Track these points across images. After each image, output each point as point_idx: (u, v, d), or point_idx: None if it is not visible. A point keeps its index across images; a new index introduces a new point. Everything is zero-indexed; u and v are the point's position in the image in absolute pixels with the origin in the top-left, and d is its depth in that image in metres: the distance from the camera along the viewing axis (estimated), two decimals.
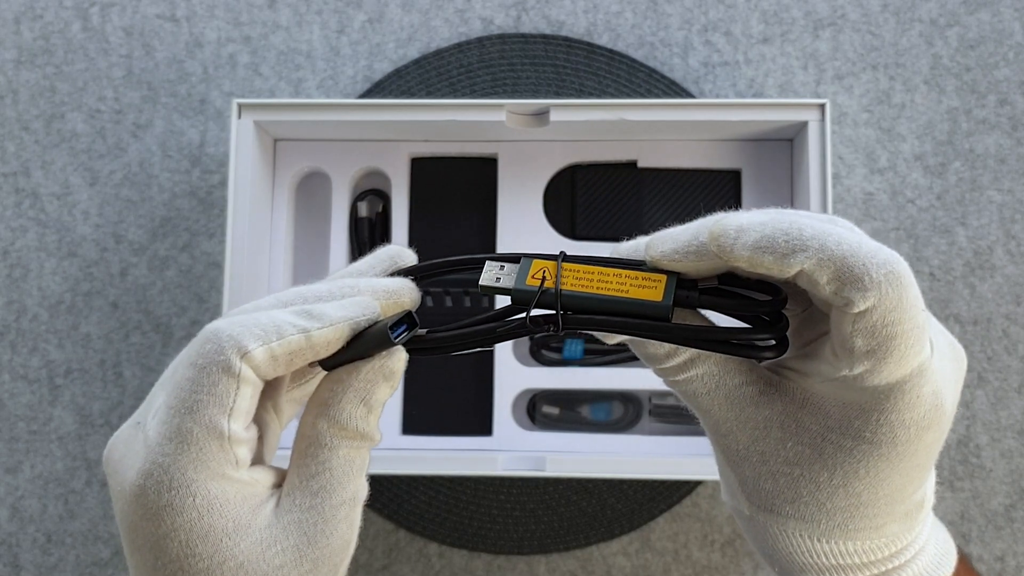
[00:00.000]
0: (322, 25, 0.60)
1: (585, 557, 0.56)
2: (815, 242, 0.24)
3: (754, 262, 0.25)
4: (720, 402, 0.29)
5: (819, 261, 0.24)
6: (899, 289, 0.24)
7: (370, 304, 0.28)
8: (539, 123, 0.52)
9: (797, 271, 0.24)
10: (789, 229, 0.25)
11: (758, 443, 0.28)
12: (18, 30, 0.61)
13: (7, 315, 0.59)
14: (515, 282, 0.27)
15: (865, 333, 0.24)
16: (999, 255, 0.57)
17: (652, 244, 0.27)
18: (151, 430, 0.26)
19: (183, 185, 0.59)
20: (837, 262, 0.24)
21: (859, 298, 0.24)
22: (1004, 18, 0.58)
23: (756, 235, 0.25)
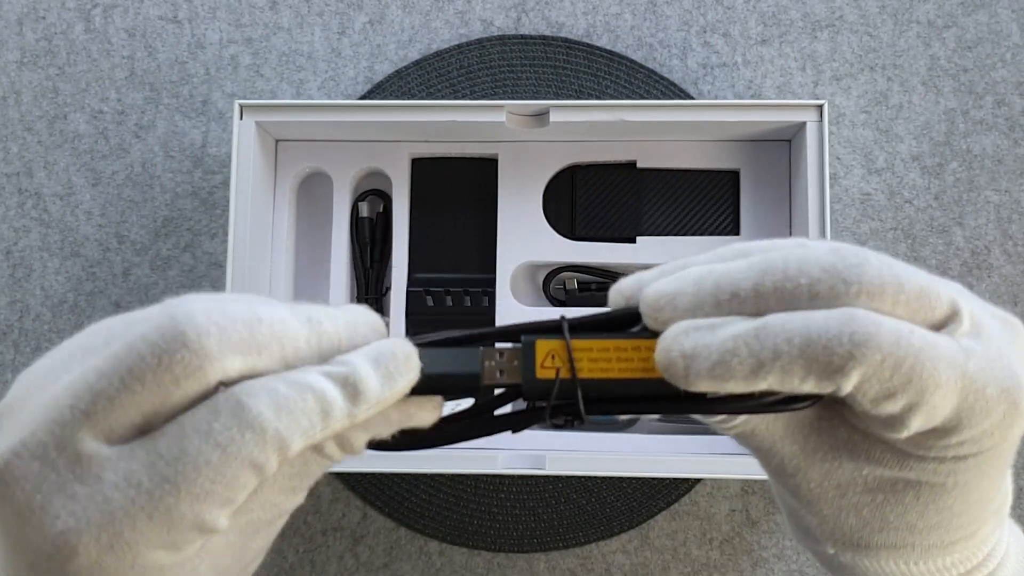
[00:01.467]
0: (323, 27, 0.60)
1: (584, 555, 0.56)
2: (768, 351, 0.21)
3: (713, 389, 0.22)
4: (782, 437, 0.26)
5: (782, 369, 0.22)
6: (875, 338, 0.21)
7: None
8: (539, 124, 0.52)
9: (765, 388, 0.22)
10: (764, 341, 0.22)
11: (831, 476, 0.25)
12: (21, 31, 0.61)
13: (10, 315, 0.59)
14: (524, 374, 0.24)
15: (886, 396, 0.22)
16: (996, 255, 0.57)
17: (658, 320, 0.24)
18: (110, 472, 0.21)
19: (185, 185, 0.59)
20: (799, 359, 0.21)
21: (843, 380, 0.21)
22: (1001, 19, 0.58)
23: (708, 363, 0.22)
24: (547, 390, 0.24)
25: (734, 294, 0.23)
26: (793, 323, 0.21)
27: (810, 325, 0.21)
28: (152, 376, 0.21)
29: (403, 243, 0.56)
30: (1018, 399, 0.22)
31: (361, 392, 0.22)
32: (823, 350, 0.21)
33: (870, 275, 0.22)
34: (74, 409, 0.21)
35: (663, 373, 0.22)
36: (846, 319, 0.21)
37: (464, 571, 0.56)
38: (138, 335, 0.21)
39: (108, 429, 0.21)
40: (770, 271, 0.22)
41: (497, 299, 0.55)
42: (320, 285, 0.57)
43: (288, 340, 0.22)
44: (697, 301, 0.23)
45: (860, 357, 0.21)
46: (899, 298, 0.22)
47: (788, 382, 0.22)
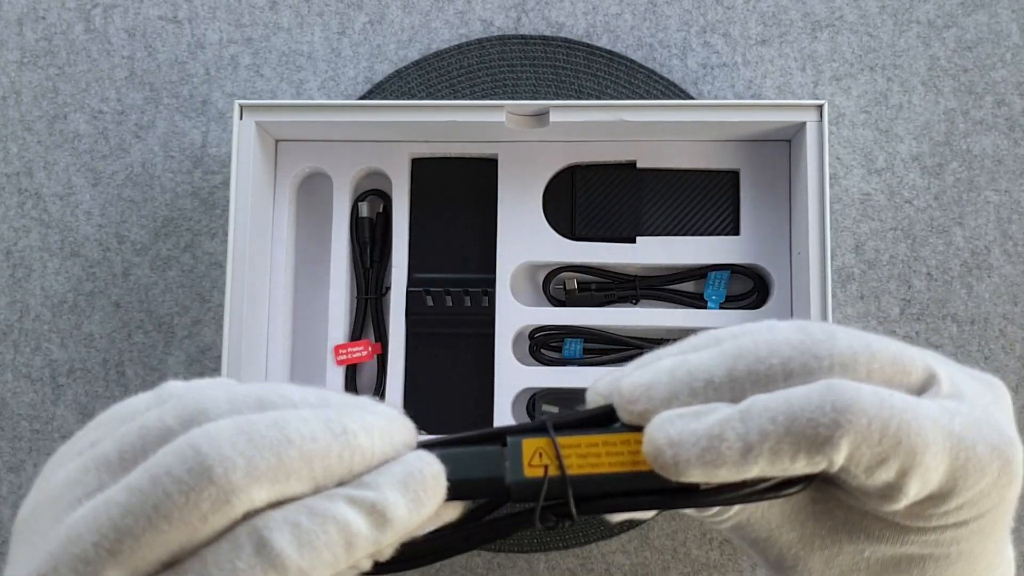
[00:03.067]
0: (323, 27, 0.60)
1: (584, 555, 0.56)
2: (755, 434, 0.21)
3: (705, 477, 0.22)
4: (779, 526, 0.25)
5: (771, 451, 0.21)
6: (856, 404, 0.21)
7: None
8: (539, 124, 0.52)
9: (756, 473, 0.22)
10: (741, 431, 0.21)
11: (833, 562, 0.25)
12: (21, 31, 0.61)
13: (10, 315, 0.59)
14: (511, 475, 0.23)
15: (878, 463, 0.21)
16: (996, 255, 0.57)
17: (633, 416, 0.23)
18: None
19: (185, 185, 0.59)
20: (787, 438, 0.21)
21: (833, 452, 0.21)
22: (1001, 19, 0.58)
23: (697, 450, 0.21)
24: (536, 490, 0.23)
25: (708, 381, 0.22)
26: (775, 402, 0.21)
27: (792, 401, 0.21)
28: (179, 514, 0.20)
29: (403, 243, 0.56)
30: (1011, 456, 0.22)
31: (389, 520, 0.21)
32: (808, 423, 0.21)
33: (840, 347, 0.22)
34: (99, 548, 0.20)
35: (652, 463, 0.22)
36: (825, 389, 0.21)
37: (464, 571, 0.56)
38: (163, 469, 0.20)
39: (134, 567, 0.20)
40: (742, 356, 0.22)
41: (497, 299, 0.55)
42: (320, 285, 0.57)
43: (318, 460, 0.21)
44: (672, 391, 0.23)
45: (846, 424, 0.21)
46: (872, 367, 0.22)
47: (779, 463, 0.21)
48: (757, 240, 0.55)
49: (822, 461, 0.21)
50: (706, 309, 0.55)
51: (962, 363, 0.26)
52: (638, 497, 0.23)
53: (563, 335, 0.55)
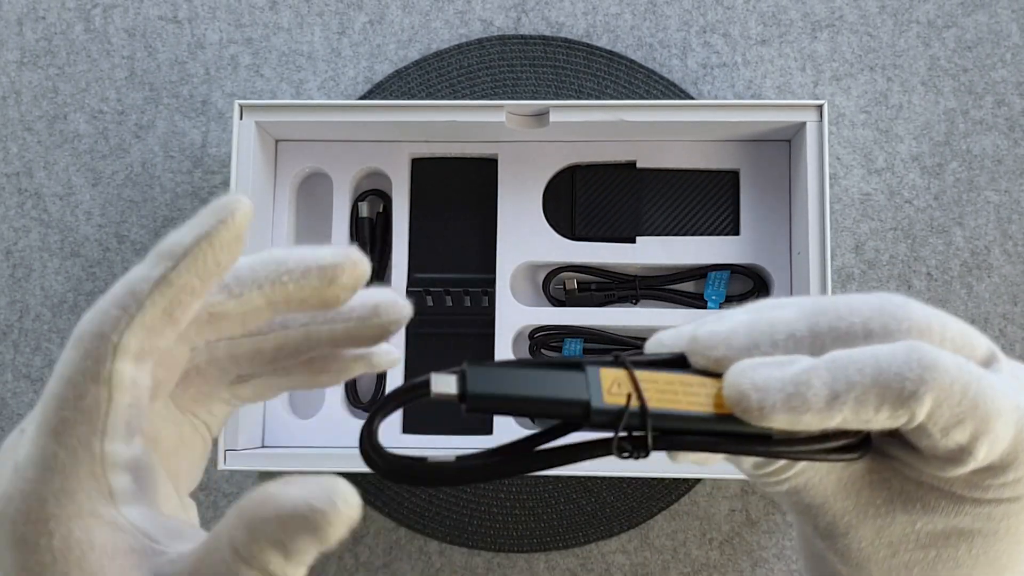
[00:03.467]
0: (323, 27, 0.60)
1: (584, 555, 0.56)
2: (842, 383, 0.22)
3: (788, 423, 0.22)
4: (834, 493, 0.25)
5: (856, 399, 0.22)
6: (940, 363, 0.22)
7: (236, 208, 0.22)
8: (539, 124, 0.52)
9: (839, 421, 0.22)
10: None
11: (883, 533, 0.25)
12: (21, 31, 0.61)
13: (10, 315, 0.59)
14: (592, 398, 0.22)
15: (955, 423, 0.22)
16: (996, 255, 0.57)
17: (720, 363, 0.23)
18: (21, 447, 0.22)
19: (185, 186, 0.59)
20: (873, 389, 0.22)
21: (917, 405, 0.21)
22: (1001, 19, 0.58)
23: (783, 395, 0.22)
24: (616, 417, 0.22)
25: (790, 334, 0.23)
26: (861, 355, 0.22)
27: (879, 355, 0.22)
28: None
29: (403, 243, 0.56)
30: None
31: (168, 253, 0.22)
32: (895, 376, 0.21)
33: (916, 314, 0.23)
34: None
35: (734, 406, 0.22)
36: (911, 348, 0.22)
37: (464, 571, 0.56)
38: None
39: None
40: (823, 312, 0.23)
41: (497, 299, 0.55)
42: None
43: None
44: (752, 340, 0.23)
45: (931, 381, 0.21)
46: (945, 336, 0.23)
47: (863, 413, 0.22)
48: (757, 240, 0.55)
49: (904, 415, 0.22)
50: (706, 309, 0.55)
51: None
52: (715, 438, 0.23)
53: (563, 335, 0.56)
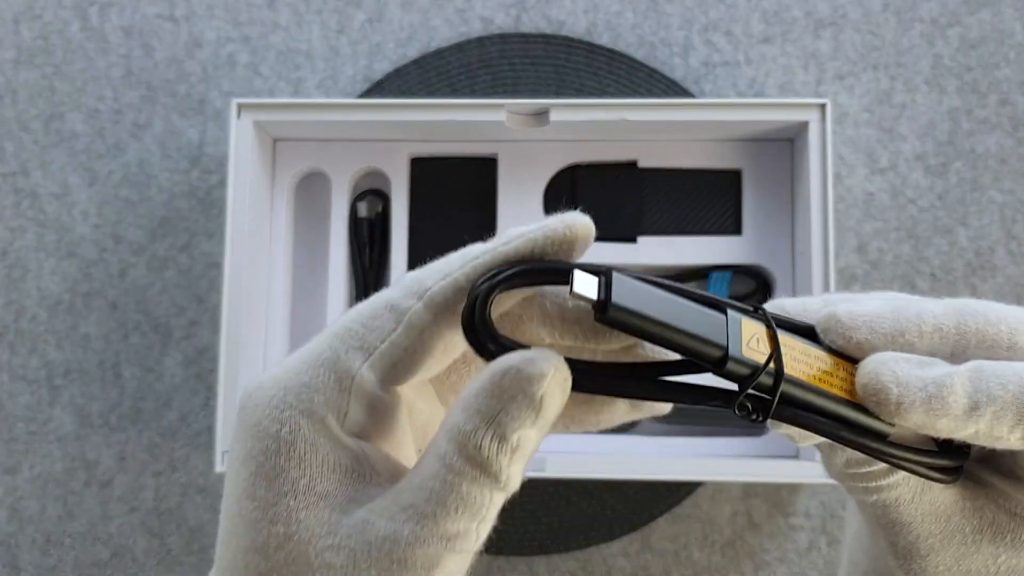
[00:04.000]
0: (321, 25, 0.60)
1: (585, 558, 0.56)
2: (984, 394, 0.21)
3: (922, 424, 0.22)
4: (925, 513, 0.24)
5: (994, 414, 0.21)
6: None
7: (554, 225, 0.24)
8: (539, 123, 0.51)
9: (971, 433, 0.22)
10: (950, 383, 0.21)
11: (964, 561, 0.24)
12: (17, 30, 0.60)
13: (6, 315, 0.59)
14: (731, 346, 0.21)
15: None
16: (1000, 255, 0.57)
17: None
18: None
19: (182, 185, 0.59)
20: (1014, 406, 0.21)
21: None
22: (1005, 18, 0.58)
23: (924, 395, 0.21)
24: (750, 372, 0.21)
25: (937, 328, 0.22)
26: (1005, 369, 0.21)
27: (1023, 374, 0.21)
28: None
29: (402, 243, 0.55)
30: None
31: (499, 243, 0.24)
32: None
33: None
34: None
35: (870, 396, 0.22)
36: None
37: None
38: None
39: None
40: (971, 313, 0.22)
41: None
42: (318, 286, 0.56)
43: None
44: (898, 328, 0.22)
45: None
46: None
47: (998, 428, 0.21)
48: (759, 240, 0.54)
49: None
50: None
51: None
52: (834, 422, 0.22)
53: None
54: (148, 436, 0.58)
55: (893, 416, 0.21)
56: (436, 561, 0.22)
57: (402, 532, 0.22)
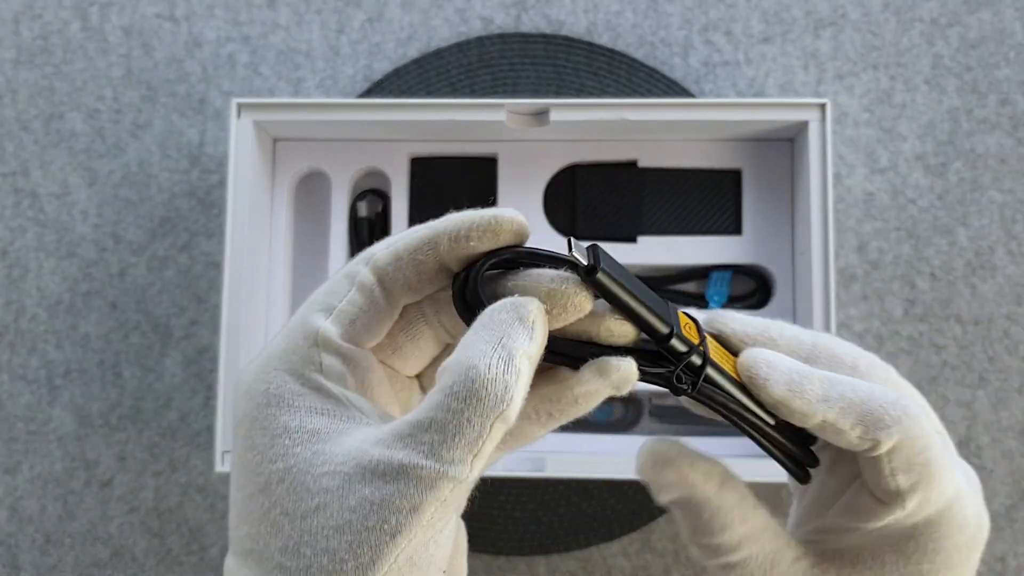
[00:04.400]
0: (321, 24, 0.60)
1: (585, 558, 0.56)
2: (835, 392, 0.26)
3: (781, 405, 0.27)
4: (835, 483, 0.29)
5: (841, 410, 0.26)
6: (917, 419, 0.26)
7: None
8: (539, 123, 0.51)
9: (820, 420, 0.26)
10: (819, 378, 0.27)
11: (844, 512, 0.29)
12: (17, 30, 0.60)
13: (6, 315, 0.59)
14: (675, 327, 0.26)
15: (904, 469, 0.26)
16: (1000, 255, 0.57)
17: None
18: None
19: (182, 185, 0.59)
20: (858, 407, 0.26)
21: (885, 436, 0.26)
22: (1005, 18, 0.58)
23: (787, 376, 0.26)
24: (687, 349, 0.26)
25: (795, 336, 0.28)
26: (854, 381, 0.27)
27: (873, 387, 0.27)
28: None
29: None
30: (984, 536, 0.29)
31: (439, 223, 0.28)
32: (879, 407, 0.26)
33: (899, 376, 0.29)
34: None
35: (744, 372, 0.27)
36: (901, 396, 0.27)
37: None
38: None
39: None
40: (824, 337, 0.29)
41: None
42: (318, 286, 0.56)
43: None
44: (765, 326, 0.28)
45: (907, 424, 0.26)
46: (921, 403, 0.28)
47: (842, 423, 0.26)
48: (759, 240, 0.54)
49: (870, 441, 0.26)
50: (708, 309, 0.55)
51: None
52: (739, 407, 0.27)
53: None
54: (148, 436, 0.58)
55: (760, 390, 0.26)
56: (430, 485, 0.23)
57: (396, 456, 0.23)
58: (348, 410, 0.26)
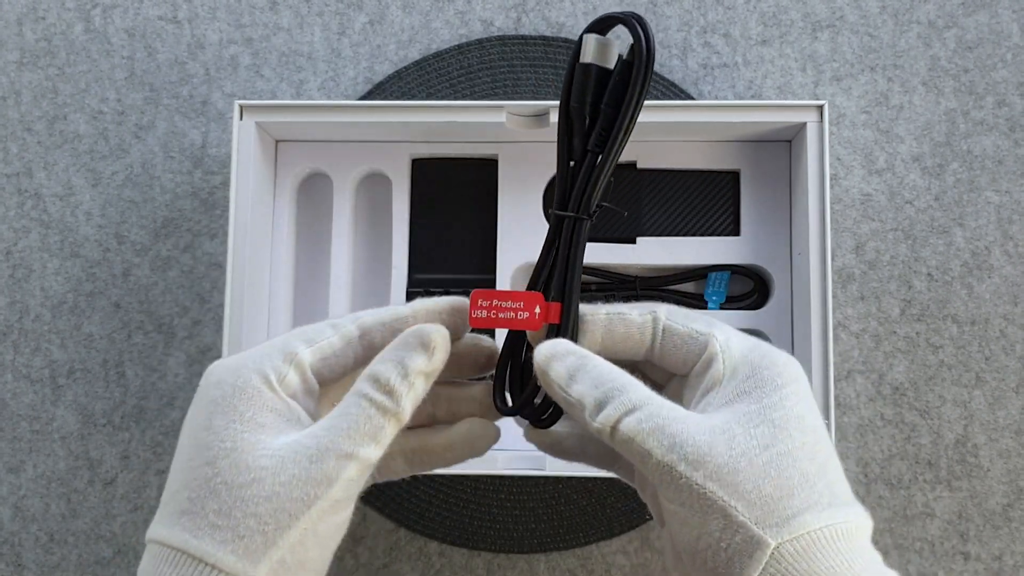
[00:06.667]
0: (323, 27, 0.60)
1: (585, 555, 0.56)
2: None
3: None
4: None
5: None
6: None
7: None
8: (539, 124, 0.52)
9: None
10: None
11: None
12: (20, 31, 0.61)
13: (10, 315, 0.59)
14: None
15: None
16: (996, 256, 0.57)
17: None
18: None
19: (185, 186, 0.59)
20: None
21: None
22: (1002, 20, 0.58)
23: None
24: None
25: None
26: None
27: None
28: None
29: (403, 244, 0.56)
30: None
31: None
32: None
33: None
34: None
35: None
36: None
37: (464, 572, 0.56)
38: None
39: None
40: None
41: None
42: (320, 286, 0.57)
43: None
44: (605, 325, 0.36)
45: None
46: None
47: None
48: (757, 241, 0.55)
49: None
50: (706, 310, 0.55)
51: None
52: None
53: None
54: (151, 435, 0.58)
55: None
56: (342, 465, 0.30)
57: (320, 442, 0.30)
58: (295, 415, 0.32)
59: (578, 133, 0.36)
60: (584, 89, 0.36)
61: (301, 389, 0.33)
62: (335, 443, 0.30)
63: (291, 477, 0.30)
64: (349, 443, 0.30)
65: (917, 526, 0.56)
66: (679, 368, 0.35)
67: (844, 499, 0.30)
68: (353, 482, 0.31)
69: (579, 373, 0.32)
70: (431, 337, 0.33)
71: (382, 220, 0.57)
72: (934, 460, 0.56)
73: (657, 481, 0.30)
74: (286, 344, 0.33)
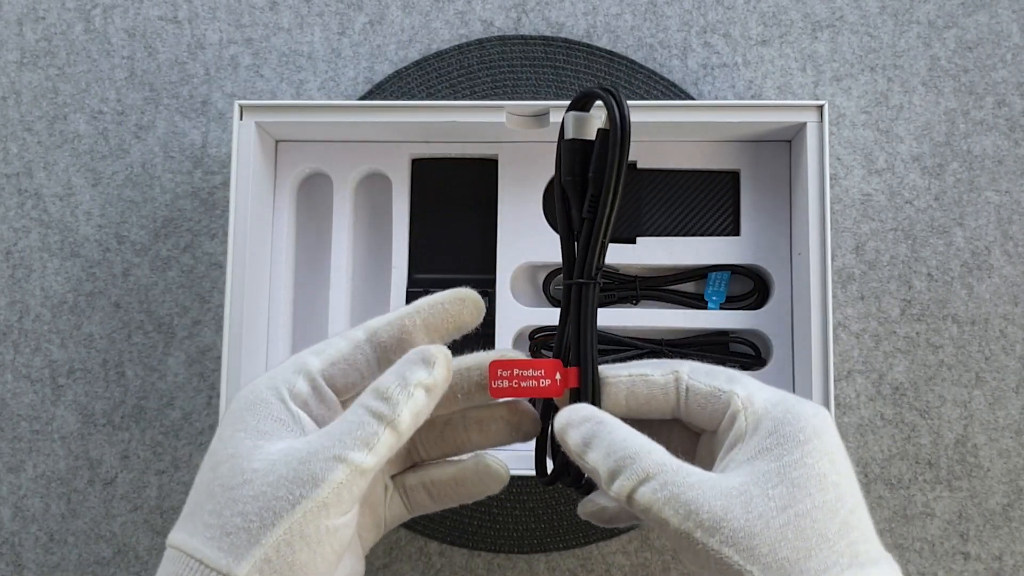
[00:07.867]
0: (323, 27, 0.60)
1: (585, 555, 0.56)
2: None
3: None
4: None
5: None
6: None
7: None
8: (539, 124, 0.52)
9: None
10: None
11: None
12: (20, 31, 0.61)
13: (10, 315, 0.59)
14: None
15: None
16: (996, 256, 0.57)
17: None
18: None
19: (185, 186, 0.59)
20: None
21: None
22: (1002, 20, 0.58)
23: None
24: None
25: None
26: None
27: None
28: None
29: (403, 244, 0.56)
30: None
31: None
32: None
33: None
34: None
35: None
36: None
37: (464, 572, 0.56)
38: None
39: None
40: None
41: (497, 300, 0.55)
42: (320, 286, 0.57)
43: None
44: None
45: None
46: None
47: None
48: (757, 241, 0.55)
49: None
50: (706, 310, 0.55)
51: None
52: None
53: None
54: (151, 435, 0.58)
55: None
56: (330, 467, 0.31)
57: (312, 446, 0.32)
58: (299, 424, 0.34)
59: (575, 206, 0.38)
60: (572, 163, 0.38)
61: (313, 397, 0.34)
62: (326, 446, 0.31)
63: (279, 477, 0.31)
64: (340, 446, 0.31)
65: (917, 526, 0.56)
66: (707, 425, 0.35)
67: (868, 557, 0.29)
68: (344, 487, 0.31)
69: (594, 440, 0.33)
70: (431, 352, 0.34)
71: (382, 220, 0.57)
72: (934, 460, 0.56)
73: (676, 546, 0.30)
74: (298, 358, 0.35)
